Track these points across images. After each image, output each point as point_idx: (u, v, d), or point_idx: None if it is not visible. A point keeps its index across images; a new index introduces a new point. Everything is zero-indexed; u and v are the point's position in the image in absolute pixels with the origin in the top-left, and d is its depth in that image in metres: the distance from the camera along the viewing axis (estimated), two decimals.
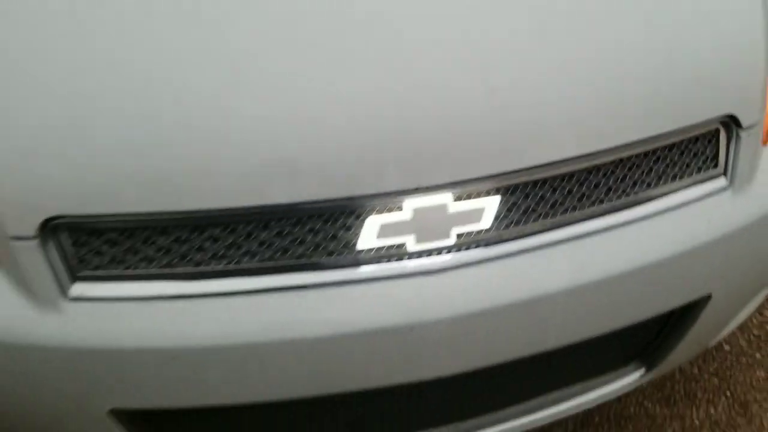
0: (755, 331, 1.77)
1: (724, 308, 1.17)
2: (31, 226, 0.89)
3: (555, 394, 1.21)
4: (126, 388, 0.94)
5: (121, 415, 0.98)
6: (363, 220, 0.93)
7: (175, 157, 0.87)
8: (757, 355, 1.71)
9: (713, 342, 1.34)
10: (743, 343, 1.74)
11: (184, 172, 0.87)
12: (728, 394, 1.64)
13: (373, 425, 1.11)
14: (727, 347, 1.73)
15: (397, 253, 0.94)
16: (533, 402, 1.20)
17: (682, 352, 1.23)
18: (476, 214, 0.95)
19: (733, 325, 1.34)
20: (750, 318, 1.79)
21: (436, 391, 1.08)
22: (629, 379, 1.24)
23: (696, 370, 1.68)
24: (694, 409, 1.61)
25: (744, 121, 1.05)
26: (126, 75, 0.87)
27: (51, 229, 0.90)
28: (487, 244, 0.97)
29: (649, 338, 1.20)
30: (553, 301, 0.98)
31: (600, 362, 1.20)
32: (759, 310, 1.81)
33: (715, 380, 1.66)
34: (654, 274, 1.02)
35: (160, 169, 0.87)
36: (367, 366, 0.96)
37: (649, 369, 1.24)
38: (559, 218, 0.99)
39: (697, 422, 1.58)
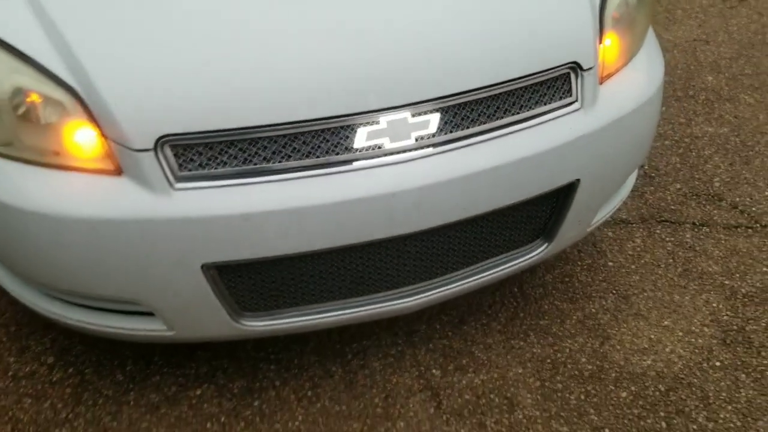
0: (630, 252, 2.38)
1: (593, 191, 1.77)
2: (150, 141, 1.41)
3: (489, 262, 1.77)
4: (213, 247, 1.45)
5: (208, 269, 1.49)
6: (355, 130, 1.49)
7: (239, 93, 1.42)
8: (632, 266, 2.32)
9: (594, 224, 1.93)
10: (622, 260, 2.35)
11: (246, 100, 1.42)
12: (614, 292, 2.23)
13: (368, 280, 1.64)
14: (611, 263, 2.34)
15: (379, 151, 1.51)
16: (473, 268, 1.76)
17: (569, 228, 1.82)
18: (426, 124, 1.53)
19: (609, 208, 1.95)
20: (626, 243, 2.41)
21: (408, 251, 1.63)
22: (538, 251, 1.82)
23: (590, 279, 2.27)
24: (590, 303, 2.19)
25: (584, 65, 1.68)
26: (211, 44, 1.43)
27: (160, 144, 1.42)
28: (434, 144, 1.54)
29: (545, 218, 1.79)
30: (477, 177, 1.56)
31: (516, 237, 1.78)
32: (631, 237, 2.43)
33: (604, 284, 2.26)
34: (538, 161, 1.62)
35: (229, 102, 1.42)
36: (366, 222, 1.50)
37: (549, 242, 1.82)
38: (476, 128, 1.58)
39: (593, 310, 2.17)
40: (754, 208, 2.57)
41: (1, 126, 1.47)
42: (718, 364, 2.00)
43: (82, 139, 1.46)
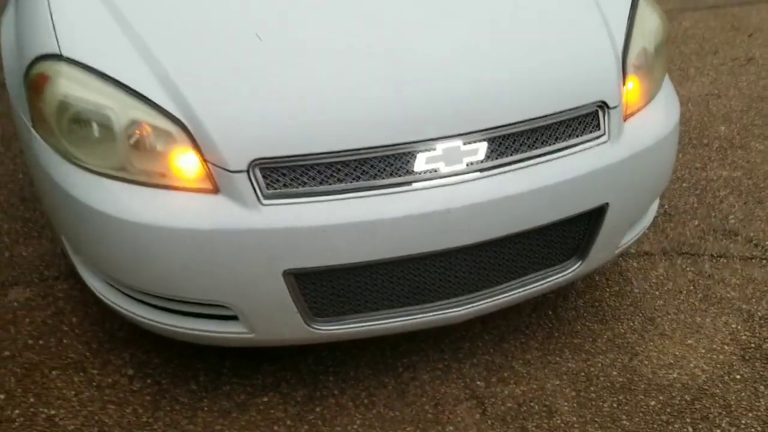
0: (654, 280, 2.58)
1: (620, 215, 2.00)
2: (244, 164, 1.66)
3: (530, 277, 1.98)
4: (293, 255, 1.68)
5: (288, 275, 1.72)
6: (416, 155, 1.74)
7: (319, 124, 1.68)
8: (656, 293, 2.52)
9: (622, 246, 2.15)
10: (647, 287, 2.55)
11: (325, 130, 1.68)
12: (640, 314, 2.43)
13: (423, 290, 1.86)
14: (636, 290, 2.54)
15: (435, 173, 1.75)
16: (516, 282, 1.97)
17: (600, 248, 2.03)
18: (475, 152, 1.78)
19: (634, 233, 2.17)
20: (650, 272, 2.61)
21: (459, 264, 1.85)
22: (573, 268, 2.03)
23: (618, 304, 2.47)
24: (619, 324, 2.38)
25: (610, 104, 1.93)
26: (295, 83, 1.70)
27: (252, 167, 1.67)
28: (482, 169, 1.78)
29: (578, 238, 2.01)
30: (519, 197, 1.79)
31: (553, 255, 1.99)
32: (654, 267, 2.64)
33: (631, 308, 2.46)
34: (572, 186, 1.85)
35: (310, 132, 1.67)
36: (424, 235, 1.73)
37: (582, 260, 2.04)
38: (518, 155, 1.83)
39: (622, 330, 2.36)
40: (767, 242, 2.77)
41: (116, 154, 1.73)
42: (738, 377, 2.18)
43: (185, 163, 1.71)
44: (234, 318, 1.83)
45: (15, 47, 2.10)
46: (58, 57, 1.82)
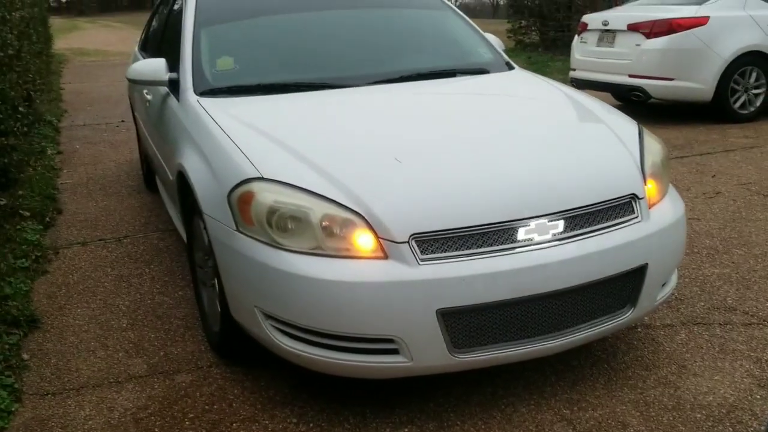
0: (679, 341, 3.32)
1: (657, 272, 2.80)
2: (405, 237, 2.47)
3: (599, 320, 2.73)
4: (442, 298, 2.44)
5: (439, 314, 2.45)
6: (518, 229, 2.56)
7: (454, 212, 2.51)
8: (683, 349, 3.25)
9: (658, 300, 2.92)
10: (674, 346, 3.28)
11: (458, 216, 2.51)
12: (675, 363, 3.14)
13: (528, 326, 2.59)
14: (668, 348, 3.26)
15: (531, 241, 2.56)
16: (591, 322, 2.71)
17: (645, 298, 2.81)
18: (557, 226, 2.61)
19: (665, 291, 2.95)
20: (675, 337, 3.35)
21: (552, 306, 2.60)
22: (628, 314, 2.79)
23: (655, 357, 3.18)
24: (660, 369, 3.09)
25: (639, 195, 2.81)
26: (434, 184, 2.56)
27: (410, 239, 2.47)
28: (561, 238, 2.61)
29: (629, 291, 2.79)
30: (588, 257, 2.60)
31: (614, 303, 2.76)
32: (677, 333, 3.38)
33: (667, 360, 3.17)
34: (621, 250, 2.68)
35: (448, 217, 2.51)
36: (531, 281, 2.51)
37: (634, 307, 2.80)
38: (585, 229, 2.66)
39: (664, 373, 3.06)
40: (760, 313, 3.56)
41: (314, 238, 2.53)
42: (758, 396, 2.87)
43: (363, 240, 2.51)
44: (394, 351, 2.53)
45: (209, 179, 2.95)
46: (260, 178, 2.67)
